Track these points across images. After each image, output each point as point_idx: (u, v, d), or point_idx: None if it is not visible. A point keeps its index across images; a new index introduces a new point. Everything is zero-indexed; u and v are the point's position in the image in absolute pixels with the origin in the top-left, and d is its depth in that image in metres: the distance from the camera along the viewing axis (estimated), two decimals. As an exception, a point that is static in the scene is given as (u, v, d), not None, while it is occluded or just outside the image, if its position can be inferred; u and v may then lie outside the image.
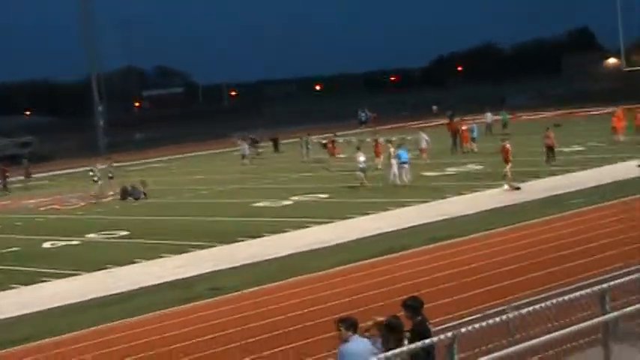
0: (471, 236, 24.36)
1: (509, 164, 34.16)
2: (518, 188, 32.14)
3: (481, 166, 41.04)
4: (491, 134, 55.61)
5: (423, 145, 45.97)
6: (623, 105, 53.64)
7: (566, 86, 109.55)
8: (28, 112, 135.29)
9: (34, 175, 60.09)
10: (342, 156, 50.58)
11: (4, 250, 30.16)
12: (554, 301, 9.84)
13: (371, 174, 39.31)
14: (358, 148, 40.88)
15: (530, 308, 9.65)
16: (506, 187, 32.51)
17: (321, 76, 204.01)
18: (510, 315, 9.62)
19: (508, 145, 35.18)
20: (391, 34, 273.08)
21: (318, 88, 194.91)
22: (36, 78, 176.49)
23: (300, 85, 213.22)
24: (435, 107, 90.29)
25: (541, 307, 9.65)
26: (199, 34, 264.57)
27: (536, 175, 35.16)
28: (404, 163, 37.41)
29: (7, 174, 57.14)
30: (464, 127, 49.60)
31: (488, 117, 59.37)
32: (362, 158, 38.32)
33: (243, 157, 55.56)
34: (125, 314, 19.51)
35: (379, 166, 42.91)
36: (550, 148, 39.40)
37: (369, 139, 54.60)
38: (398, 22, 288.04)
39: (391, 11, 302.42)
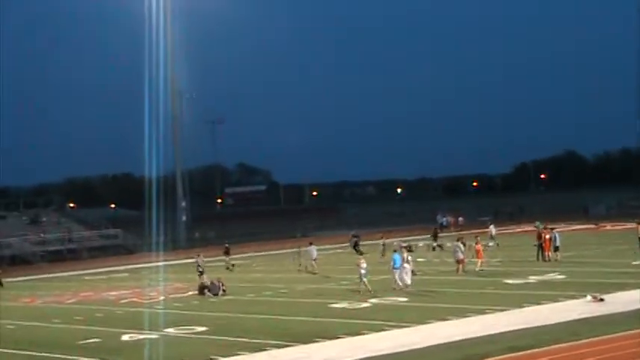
0: (554, 347, 23.77)
1: None
2: (601, 299, 31.41)
3: (563, 276, 40.31)
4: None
5: (459, 255, 44.52)
6: None
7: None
8: (112, 205, 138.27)
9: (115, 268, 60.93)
10: (422, 260, 50.48)
11: (83, 342, 30.48)
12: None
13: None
14: (361, 253, 41.76)
15: None
16: (589, 297, 31.80)
17: (403, 179, 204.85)
18: None
19: None
20: (474, 140, 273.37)
21: (399, 190, 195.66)
22: (121, 172, 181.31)
23: (380, 188, 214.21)
24: (439, 217, 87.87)
25: None
26: (280, 133, 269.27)
27: (621, 287, 34.31)
28: (395, 268, 38.68)
29: None
30: (547, 236, 48.91)
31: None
32: (364, 265, 39.16)
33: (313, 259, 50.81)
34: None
35: (477, 268, 43.94)
36: None
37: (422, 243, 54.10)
38: (481, 128, 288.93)
39: (474, 117, 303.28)
